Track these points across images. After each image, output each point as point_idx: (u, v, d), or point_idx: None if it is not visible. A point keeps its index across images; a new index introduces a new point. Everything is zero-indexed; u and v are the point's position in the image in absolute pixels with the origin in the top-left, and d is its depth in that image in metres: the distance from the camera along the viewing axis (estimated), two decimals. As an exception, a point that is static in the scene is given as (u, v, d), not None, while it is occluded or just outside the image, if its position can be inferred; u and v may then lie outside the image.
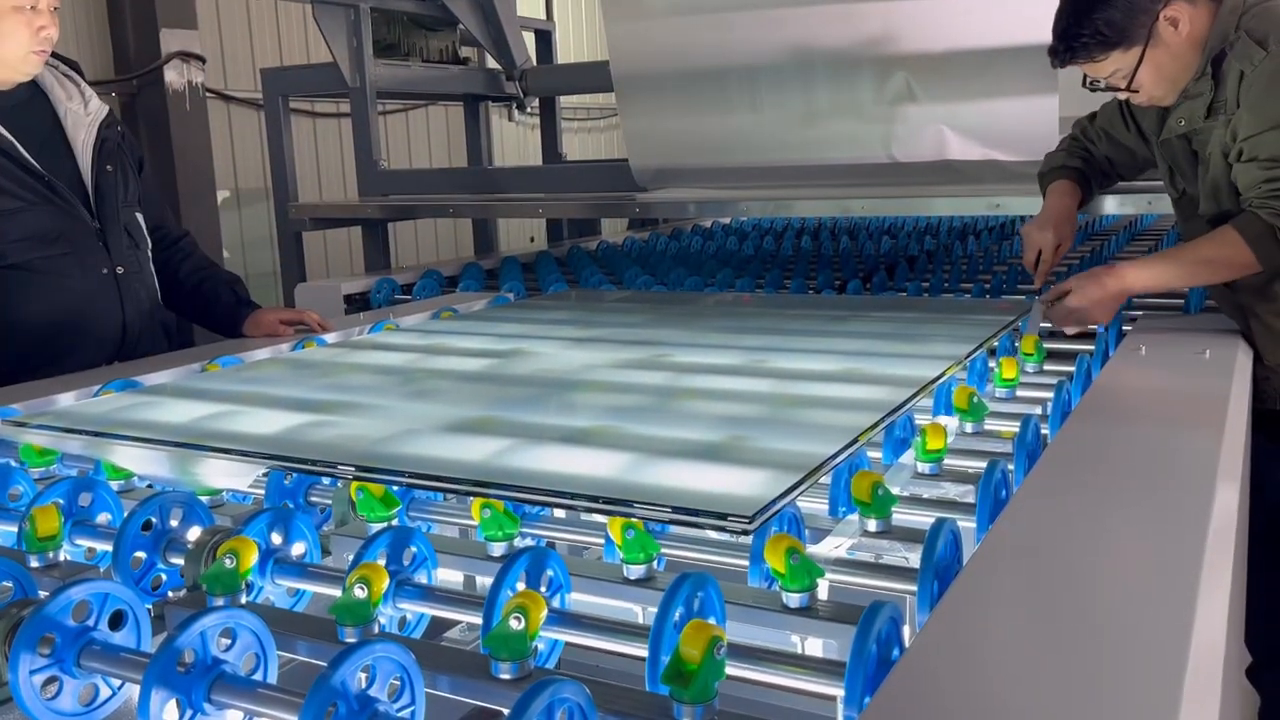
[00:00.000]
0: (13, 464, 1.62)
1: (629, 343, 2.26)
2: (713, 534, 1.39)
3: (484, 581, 1.26)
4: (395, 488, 1.39)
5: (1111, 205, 3.14)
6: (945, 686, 0.83)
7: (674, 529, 1.37)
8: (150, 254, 2.50)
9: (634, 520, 1.16)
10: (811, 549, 1.21)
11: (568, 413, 1.76)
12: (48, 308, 2.25)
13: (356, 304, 3.38)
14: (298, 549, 1.28)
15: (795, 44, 3.52)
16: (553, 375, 2.00)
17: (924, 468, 1.48)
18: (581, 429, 1.61)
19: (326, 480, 1.52)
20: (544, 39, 5.86)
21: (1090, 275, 2.16)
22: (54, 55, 2.37)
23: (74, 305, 2.28)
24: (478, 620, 1.08)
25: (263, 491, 1.50)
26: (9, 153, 2.23)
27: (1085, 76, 2.16)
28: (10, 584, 1.15)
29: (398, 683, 0.94)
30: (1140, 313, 2.46)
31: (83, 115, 2.38)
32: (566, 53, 9.14)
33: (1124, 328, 2.27)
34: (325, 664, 0.88)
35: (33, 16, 2.19)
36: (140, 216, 2.48)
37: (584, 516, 1.50)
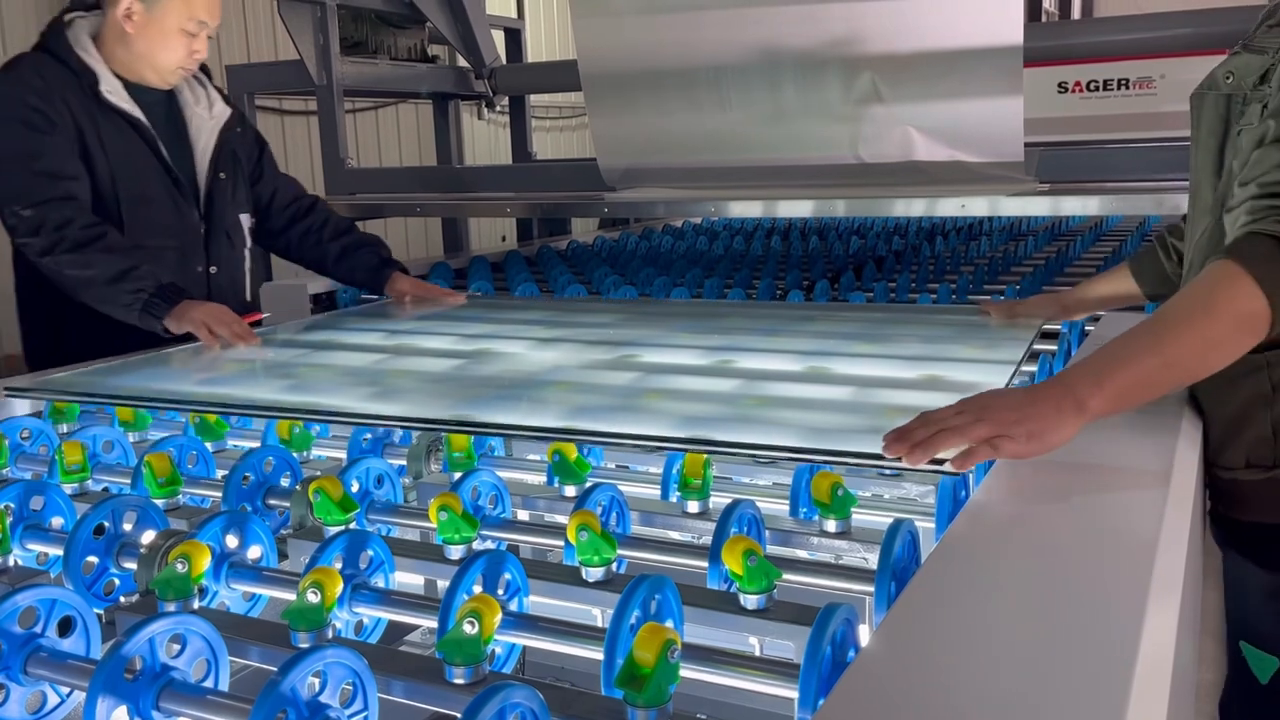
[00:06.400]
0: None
1: (597, 343, 2.25)
2: (674, 534, 1.39)
3: (444, 585, 1.25)
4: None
5: (1074, 206, 3.17)
6: (898, 687, 0.83)
7: (635, 529, 1.37)
8: (246, 254, 2.70)
9: (589, 521, 1.16)
10: (770, 550, 1.21)
11: (535, 412, 1.75)
12: None
13: (323, 304, 3.34)
14: (254, 553, 1.27)
15: (763, 44, 3.52)
16: (520, 375, 1.99)
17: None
18: (548, 429, 1.60)
19: (285, 482, 1.51)
20: (514, 37, 5.85)
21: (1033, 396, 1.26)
22: None
23: None
24: (435, 625, 1.07)
25: (219, 494, 1.48)
26: (152, 146, 2.44)
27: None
28: (-43, 590, 1.13)
29: (350, 688, 0.93)
30: (1103, 312, 2.48)
31: (206, 119, 2.57)
32: (537, 51, 9.12)
33: (1087, 328, 2.28)
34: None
35: (193, 40, 2.44)
36: (244, 218, 2.67)
37: (547, 517, 1.49)
